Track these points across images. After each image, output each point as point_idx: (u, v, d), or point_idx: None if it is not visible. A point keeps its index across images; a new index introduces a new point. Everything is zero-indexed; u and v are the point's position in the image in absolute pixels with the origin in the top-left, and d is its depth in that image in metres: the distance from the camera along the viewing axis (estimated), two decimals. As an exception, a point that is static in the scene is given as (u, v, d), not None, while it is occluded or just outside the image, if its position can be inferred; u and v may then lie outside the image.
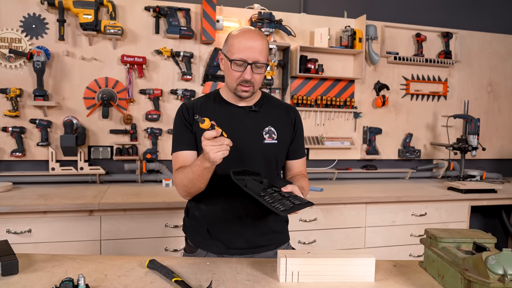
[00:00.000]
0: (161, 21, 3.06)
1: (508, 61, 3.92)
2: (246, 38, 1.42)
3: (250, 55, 1.40)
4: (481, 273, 1.04)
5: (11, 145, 2.86)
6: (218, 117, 1.47)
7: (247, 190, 1.33)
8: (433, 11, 3.77)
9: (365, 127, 3.54)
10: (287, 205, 1.25)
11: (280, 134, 1.55)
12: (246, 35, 1.43)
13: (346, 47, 3.32)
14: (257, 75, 1.45)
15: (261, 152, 1.51)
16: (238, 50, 1.41)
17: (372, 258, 1.24)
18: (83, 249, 2.40)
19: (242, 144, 1.47)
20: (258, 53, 1.41)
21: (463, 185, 3.04)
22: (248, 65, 1.41)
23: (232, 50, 1.43)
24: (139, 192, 2.71)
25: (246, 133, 1.50)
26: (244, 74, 1.42)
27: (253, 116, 1.53)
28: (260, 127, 1.52)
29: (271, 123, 1.54)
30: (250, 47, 1.40)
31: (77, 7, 2.80)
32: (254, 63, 1.41)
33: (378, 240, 2.88)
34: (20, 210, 2.30)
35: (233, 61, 1.42)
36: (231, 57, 1.42)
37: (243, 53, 1.41)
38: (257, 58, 1.41)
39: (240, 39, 1.42)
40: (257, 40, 1.42)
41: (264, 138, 1.52)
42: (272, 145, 1.53)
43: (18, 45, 2.84)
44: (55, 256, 1.40)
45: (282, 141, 1.56)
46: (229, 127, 1.47)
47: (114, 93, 3.00)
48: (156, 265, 1.29)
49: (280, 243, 1.60)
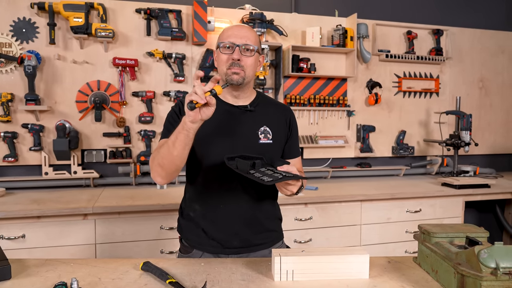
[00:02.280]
0: (153, 23, 3.05)
1: (498, 57, 3.95)
2: (236, 26, 1.51)
3: (238, 39, 1.45)
4: (474, 267, 1.05)
5: (3, 150, 2.84)
6: (213, 116, 1.47)
7: (238, 171, 1.33)
8: (424, 9, 3.79)
9: (359, 125, 3.55)
10: (275, 177, 1.25)
11: (275, 134, 1.55)
12: (236, 26, 1.53)
13: (338, 46, 3.33)
14: (247, 58, 1.46)
15: (256, 152, 1.50)
16: (227, 36, 1.46)
17: (366, 255, 1.24)
18: (78, 254, 2.38)
19: (237, 144, 1.48)
20: (246, 38, 1.45)
21: (457, 181, 3.06)
22: (237, 46, 1.44)
23: (222, 37, 1.49)
24: (133, 195, 2.70)
25: (241, 133, 1.50)
26: (233, 55, 1.44)
27: (248, 116, 1.53)
28: (255, 127, 1.53)
29: (266, 123, 1.55)
30: (238, 32, 1.46)
31: (67, 11, 2.79)
32: (243, 45, 1.44)
33: (374, 237, 2.89)
34: (13, 215, 2.28)
35: (222, 43, 1.46)
36: (221, 41, 1.47)
37: (231, 38, 1.45)
38: (246, 41, 1.45)
39: (229, 28, 1.51)
40: (246, 28, 1.50)
41: (260, 138, 1.52)
42: (267, 145, 1.53)
43: (8, 50, 2.82)
44: (48, 260, 1.40)
45: (277, 141, 1.56)
46: (224, 127, 1.48)
47: (107, 96, 2.99)
48: (150, 267, 1.29)
49: (275, 241, 1.61)
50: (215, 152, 1.47)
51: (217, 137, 1.48)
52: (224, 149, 1.45)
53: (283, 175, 1.27)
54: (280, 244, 1.64)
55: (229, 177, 1.47)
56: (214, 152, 1.48)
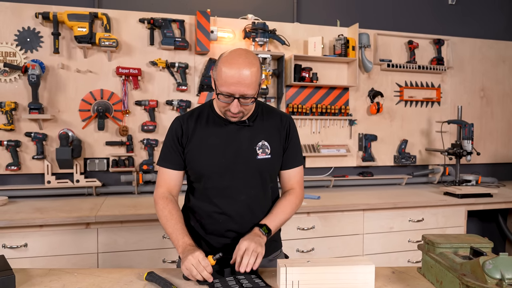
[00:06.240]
0: (156, 33, 3.07)
1: (499, 66, 3.97)
2: (235, 68, 1.33)
3: (236, 90, 1.34)
4: (479, 278, 1.05)
5: (6, 159, 2.85)
6: (211, 132, 1.49)
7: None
8: (424, 19, 3.82)
9: (361, 134, 3.56)
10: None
11: (274, 147, 1.53)
12: (235, 66, 1.34)
13: (339, 55, 3.35)
14: (246, 105, 1.41)
15: (254, 168, 1.50)
16: (225, 83, 1.34)
17: (372, 265, 1.24)
18: (80, 263, 2.38)
19: (235, 161, 1.48)
20: (245, 87, 1.35)
21: (459, 190, 3.05)
22: (235, 98, 1.37)
23: (220, 80, 1.36)
24: (136, 204, 2.70)
25: (239, 149, 1.49)
26: (231, 107, 1.38)
27: (246, 131, 1.51)
28: (253, 142, 1.51)
29: (265, 137, 1.52)
30: (237, 82, 1.33)
31: (71, 20, 2.82)
32: (241, 97, 1.37)
33: (377, 246, 2.88)
34: (16, 224, 2.28)
35: (219, 94, 1.38)
36: (219, 88, 1.37)
37: (229, 88, 1.34)
38: (244, 92, 1.35)
39: (228, 70, 1.34)
40: (246, 71, 1.34)
41: (257, 154, 1.50)
42: (265, 160, 1.51)
43: (13, 59, 2.85)
44: (52, 270, 1.40)
45: (276, 154, 1.54)
46: (221, 143, 1.48)
47: (110, 105, 3.00)
48: (155, 277, 1.29)
49: (274, 250, 1.62)
50: (213, 170, 1.49)
51: (214, 155, 1.49)
52: (221, 168, 1.48)
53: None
54: (278, 253, 1.65)
55: (229, 191, 1.49)
56: (211, 170, 1.49)
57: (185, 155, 1.52)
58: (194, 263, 1.27)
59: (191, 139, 1.50)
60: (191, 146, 1.50)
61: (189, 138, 1.51)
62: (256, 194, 1.53)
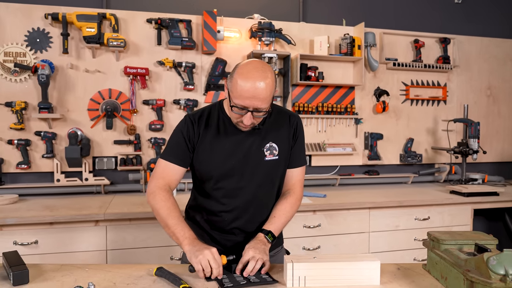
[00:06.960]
0: (163, 33, 3.11)
1: (506, 65, 3.95)
2: (250, 82, 1.33)
3: (251, 104, 1.36)
4: (483, 274, 1.06)
5: (17, 157, 2.90)
6: (221, 135, 1.51)
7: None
8: (430, 17, 3.82)
9: (366, 133, 3.57)
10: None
11: (281, 148, 1.55)
12: (251, 79, 1.34)
13: (345, 55, 3.36)
14: (258, 117, 1.43)
15: (262, 169, 1.53)
16: (240, 96, 1.35)
17: (377, 261, 1.26)
18: (89, 259, 2.42)
19: (244, 163, 1.51)
20: (260, 101, 1.36)
21: (465, 189, 3.05)
22: (248, 111, 1.38)
23: (234, 93, 1.37)
24: (144, 202, 2.73)
25: (248, 152, 1.51)
26: (244, 118, 1.40)
27: (255, 134, 1.52)
28: (261, 144, 1.53)
29: (273, 139, 1.54)
30: (252, 96, 1.34)
31: (80, 21, 2.85)
32: (255, 110, 1.38)
33: (382, 245, 2.89)
34: (27, 221, 2.33)
35: (233, 106, 1.39)
36: (233, 100, 1.38)
37: (244, 101, 1.35)
38: (259, 106, 1.36)
39: (244, 83, 1.34)
40: (261, 85, 1.34)
41: (265, 156, 1.52)
42: (273, 161, 1.54)
43: (23, 59, 2.89)
44: (64, 265, 1.43)
45: (283, 155, 1.56)
46: (231, 146, 1.50)
47: (118, 104, 3.04)
48: (164, 273, 1.32)
49: (275, 246, 1.64)
50: (222, 172, 1.51)
51: (224, 157, 1.50)
52: (230, 170, 1.50)
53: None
54: (280, 249, 1.68)
55: (237, 192, 1.52)
56: (221, 172, 1.51)
57: (194, 155, 1.53)
58: (210, 259, 1.29)
59: (202, 140, 1.51)
60: (201, 147, 1.52)
61: (200, 138, 1.52)
62: (264, 194, 1.57)
